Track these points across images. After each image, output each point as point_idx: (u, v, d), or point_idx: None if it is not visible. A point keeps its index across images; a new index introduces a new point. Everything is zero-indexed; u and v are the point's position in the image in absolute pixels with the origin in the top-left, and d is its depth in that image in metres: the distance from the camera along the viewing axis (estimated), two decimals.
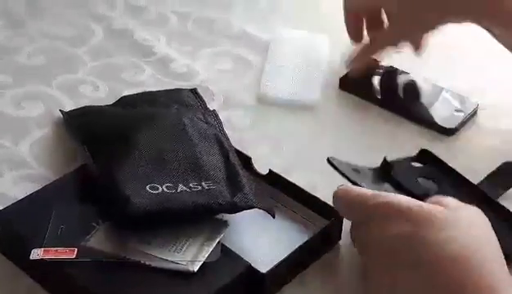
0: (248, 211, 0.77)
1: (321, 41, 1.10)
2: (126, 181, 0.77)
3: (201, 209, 0.76)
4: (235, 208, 0.77)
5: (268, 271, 0.73)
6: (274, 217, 0.78)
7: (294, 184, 0.83)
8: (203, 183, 0.79)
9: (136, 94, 0.97)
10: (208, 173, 0.80)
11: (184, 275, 0.71)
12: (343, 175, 0.82)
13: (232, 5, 1.18)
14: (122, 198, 0.75)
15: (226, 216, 0.77)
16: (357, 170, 0.84)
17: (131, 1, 1.17)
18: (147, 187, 0.77)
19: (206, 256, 0.73)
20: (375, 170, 0.86)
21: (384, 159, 0.85)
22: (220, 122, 0.91)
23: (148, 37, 1.10)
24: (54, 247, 0.72)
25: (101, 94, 0.99)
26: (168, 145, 0.83)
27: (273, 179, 0.84)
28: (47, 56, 1.05)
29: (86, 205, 0.78)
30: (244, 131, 0.94)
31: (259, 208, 0.77)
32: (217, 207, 0.76)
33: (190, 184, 0.78)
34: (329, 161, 0.83)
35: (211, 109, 0.94)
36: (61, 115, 0.93)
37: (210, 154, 0.83)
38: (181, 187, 0.78)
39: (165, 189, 0.77)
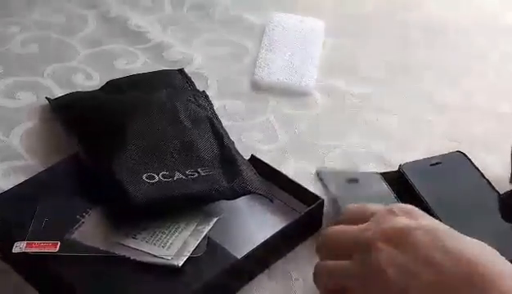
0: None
1: (316, 25, 1.09)
2: (122, 172, 0.75)
3: (200, 197, 0.74)
4: (233, 194, 0.75)
5: (243, 257, 0.71)
6: (272, 201, 0.76)
7: (275, 170, 0.81)
8: (199, 169, 0.77)
9: (125, 77, 0.95)
10: (204, 159, 0.78)
11: (169, 270, 0.70)
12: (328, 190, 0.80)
13: None
14: (120, 190, 0.73)
15: (213, 209, 0.75)
16: (354, 179, 0.81)
17: None
18: (144, 176, 0.75)
19: (191, 250, 0.71)
20: (382, 175, 0.82)
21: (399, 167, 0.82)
22: (211, 104, 0.90)
23: (142, 24, 1.08)
24: (37, 240, 0.70)
25: (93, 83, 0.97)
26: (161, 132, 0.81)
27: (255, 164, 0.81)
28: (39, 45, 1.03)
29: (72, 197, 0.76)
30: (239, 118, 0.92)
31: (257, 193, 0.75)
32: (215, 193, 0.74)
33: (187, 172, 0.77)
34: (318, 175, 0.81)
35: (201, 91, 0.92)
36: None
37: (205, 139, 0.82)
38: (177, 175, 0.76)
39: (162, 178, 0.75)
